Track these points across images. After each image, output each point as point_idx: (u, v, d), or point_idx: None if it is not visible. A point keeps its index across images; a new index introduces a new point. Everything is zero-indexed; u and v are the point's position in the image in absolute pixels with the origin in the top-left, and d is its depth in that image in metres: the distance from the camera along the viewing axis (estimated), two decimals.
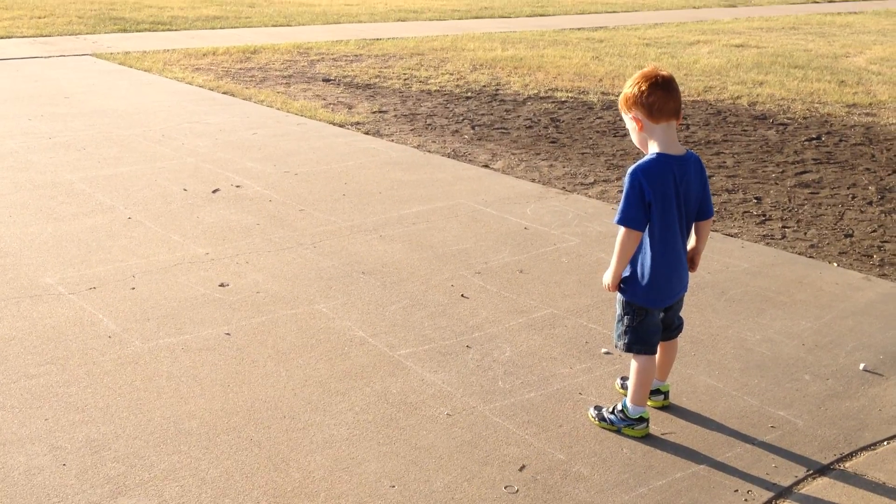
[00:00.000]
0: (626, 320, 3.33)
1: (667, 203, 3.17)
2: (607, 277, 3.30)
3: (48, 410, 3.41)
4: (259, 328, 4.15)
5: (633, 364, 3.36)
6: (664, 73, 3.18)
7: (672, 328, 3.47)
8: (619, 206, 3.18)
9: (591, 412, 3.46)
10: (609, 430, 3.38)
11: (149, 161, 7.06)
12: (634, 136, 3.27)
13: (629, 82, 3.22)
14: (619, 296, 3.36)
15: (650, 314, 3.32)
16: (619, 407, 3.38)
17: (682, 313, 3.51)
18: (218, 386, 3.63)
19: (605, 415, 3.41)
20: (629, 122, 3.25)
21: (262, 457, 3.16)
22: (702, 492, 3.03)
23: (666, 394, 3.56)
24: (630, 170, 3.16)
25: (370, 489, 2.99)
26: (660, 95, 3.14)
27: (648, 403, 3.47)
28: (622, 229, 3.18)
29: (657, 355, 3.40)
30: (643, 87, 3.15)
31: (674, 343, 3.52)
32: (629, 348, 3.34)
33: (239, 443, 3.24)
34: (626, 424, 3.35)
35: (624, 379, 3.65)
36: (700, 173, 3.27)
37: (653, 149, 3.20)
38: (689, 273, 3.42)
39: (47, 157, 7.14)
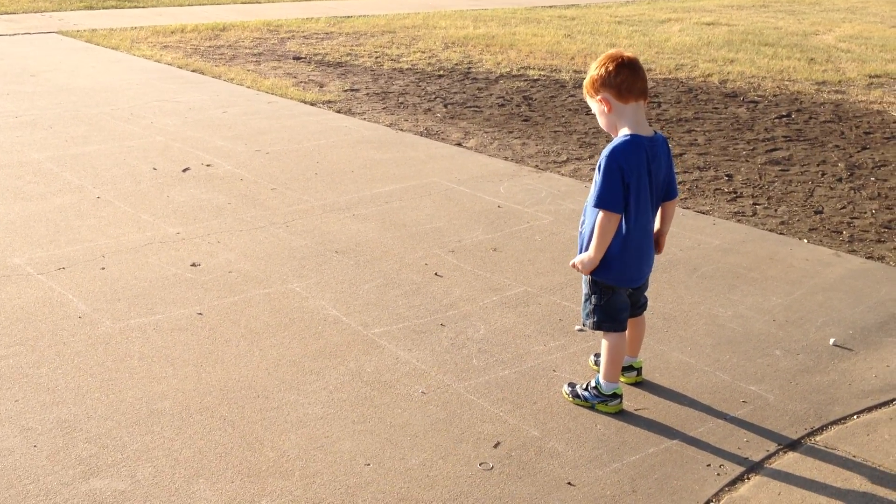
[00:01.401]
0: (593, 299, 3.33)
1: (641, 184, 3.16)
2: (585, 262, 3.26)
3: (18, 391, 3.37)
4: (232, 308, 4.13)
5: (603, 342, 3.38)
6: (629, 54, 3.19)
7: (638, 305, 3.48)
8: (597, 189, 3.15)
9: (566, 389, 3.47)
10: (583, 406, 3.40)
11: (117, 140, 6.97)
12: (602, 120, 3.24)
13: (594, 65, 3.21)
14: (585, 276, 3.35)
15: (617, 292, 3.32)
16: (593, 384, 3.40)
17: (654, 290, 3.52)
18: (190, 366, 3.60)
19: (579, 391, 3.42)
20: (596, 105, 3.22)
21: (235, 436, 3.14)
22: (675, 466, 3.06)
23: (639, 370, 3.59)
24: (607, 152, 3.14)
25: (345, 467, 2.99)
26: (627, 75, 3.13)
27: (622, 380, 3.49)
28: (601, 213, 3.16)
29: (626, 332, 3.42)
30: (610, 68, 3.14)
31: (641, 319, 3.54)
32: (599, 326, 3.35)
33: (212, 423, 3.22)
34: (600, 401, 3.37)
35: (597, 356, 3.66)
36: (667, 154, 3.28)
37: (623, 130, 3.18)
38: (655, 254, 3.42)
39: (13, 135, 7.02)
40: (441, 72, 10.22)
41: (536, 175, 6.40)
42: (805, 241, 5.26)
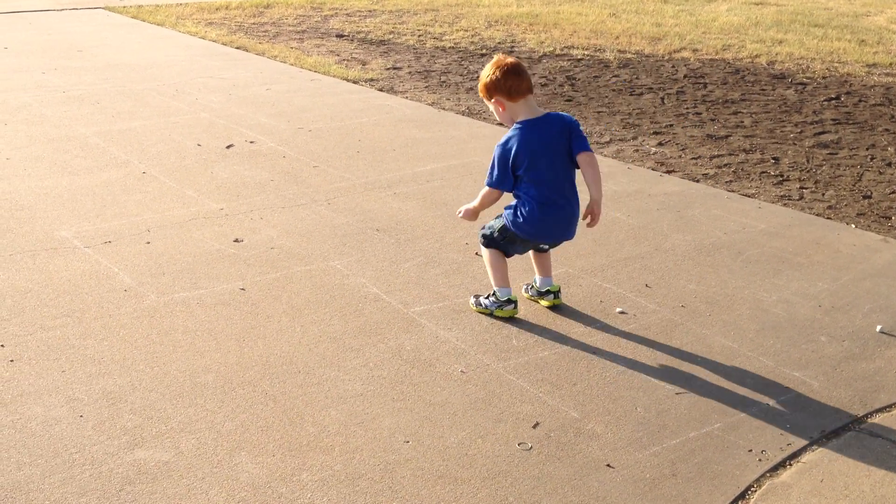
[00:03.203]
0: (496, 234, 3.84)
1: (535, 158, 3.64)
2: (462, 209, 3.89)
3: (65, 363, 3.44)
4: (273, 284, 4.16)
5: (484, 253, 3.92)
6: (511, 59, 3.69)
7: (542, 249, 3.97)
8: (489, 170, 3.77)
9: (471, 301, 3.93)
10: (483, 313, 3.87)
11: (162, 116, 7.04)
12: (499, 117, 3.79)
13: (485, 72, 3.70)
14: (504, 211, 3.82)
15: (520, 241, 3.81)
16: (493, 292, 3.85)
17: (697, 274, 3.49)
18: (233, 340, 3.64)
19: (481, 301, 3.89)
20: (492, 105, 3.74)
21: (277, 411, 3.17)
22: (715, 451, 3.03)
23: (556, 293, 3.97)
24: (497, 143, 3.71)
25: (384, 444, 3.01)
26: (514, 79, 3.65)
27: (542, 303, 3.97)
28: (485, 189, 3.79)
29: (533, 258, 3.99)
30: (498, 75, 3.65)
31: (546, 253, 4.01)
32: (487, 244, 3.88)
33: (254, 397, 3.25)
34: (497, 306, 3.84)
35: (528, 285, 4.09)
36: (564, 124, 3.70)
37: (517, 122, 3.72)
38: (591, 226, 3.76)
39: (61, 110, 7.12)
40: (484, 50, 10.16)
41: None
42: (853, 226, 5.17)
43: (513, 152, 3.66)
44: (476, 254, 4.54)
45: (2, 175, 5.54)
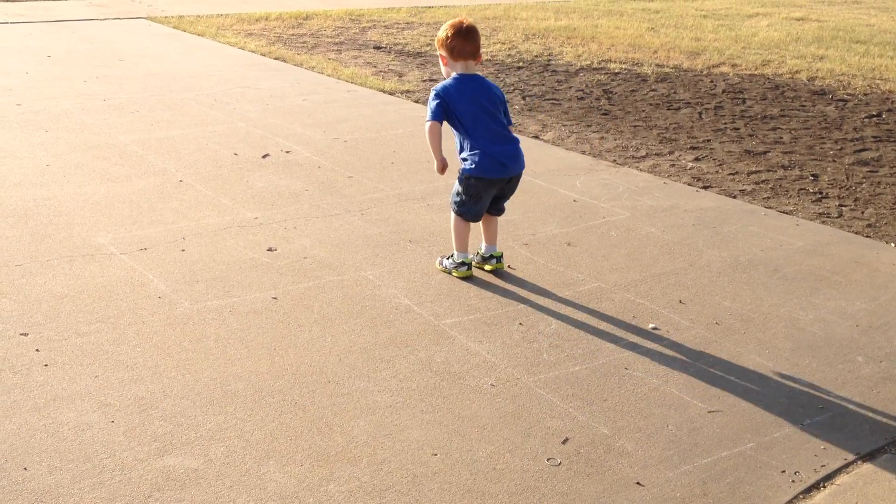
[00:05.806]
0: (462, 192, 4.22)
1: (472, 105, 4.08)
2: (435, 166, 4.17)
3: (98, 368, 3.47)
4: (306, 293, 4.17)
5: (452, 221, 4.33)
6: (467, 23, 4.10)
7: (498, 207, 4.36)
8: (427, 110, 4.14)
9: (437, 261, 4.45)
10: (444, 272, 4.38)
11: (200, 125, 7.11)
12: (442, 69, 4.26)
13: (442, 27, 4.14)
14: (458, 172, 4.22)
15: (482, 196, 4.20)
16: (452, 254, 4.38)
17: (732, 291, 3.45)
18: (264, 349, 3.66)
19: (444, 261, 4.39)
20: (440, 59, 4.22)
21: (306, 420, 3.18)
22: (748, 471, 2.99)
23: (499, 258, 4.44)
24: (434, 88, 4.14)
25: (412, 456, 3.00)
26: (459, 41, 4.08)
27: (486, 268, 4.42)
28: (427, 125, 4.11)
29: (482, 225, 4.41)
30: (449, 34, 4.09)
31: (494, 218, 4.40)
32: (458, 212, 4.28)
33: (284, 406, 3.26)
34: (454, 266, 4.35)
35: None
36: (499, 92, 4.21)
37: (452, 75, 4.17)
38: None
39: (101, 118, 7.22)
40: (520, 63, 10.16)
41: (614, 170, 6.32)
42: (892, 244, 5.09)
43: (449, 96, 4.08)
44: (508, 266, 4.53)
45: (41, 181, 5.63)
